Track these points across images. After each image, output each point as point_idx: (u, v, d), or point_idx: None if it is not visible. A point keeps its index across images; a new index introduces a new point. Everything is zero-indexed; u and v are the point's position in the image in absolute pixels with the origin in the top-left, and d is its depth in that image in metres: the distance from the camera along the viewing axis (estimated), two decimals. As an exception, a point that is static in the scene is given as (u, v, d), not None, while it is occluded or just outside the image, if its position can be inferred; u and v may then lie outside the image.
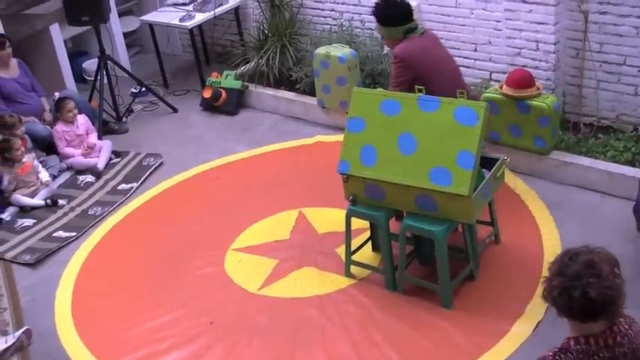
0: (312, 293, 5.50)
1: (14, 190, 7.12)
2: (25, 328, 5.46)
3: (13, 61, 7.90)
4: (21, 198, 7.09)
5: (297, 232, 6.20)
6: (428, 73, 5.68)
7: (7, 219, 6.99)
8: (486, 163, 5.24)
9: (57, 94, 7.97)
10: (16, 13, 8.61)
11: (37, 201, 7.11)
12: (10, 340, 5.36)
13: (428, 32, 6.07)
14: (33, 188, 7.18)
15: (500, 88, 6.35)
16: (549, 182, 6.26)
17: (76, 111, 7.70)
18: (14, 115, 7.44)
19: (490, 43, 7.06)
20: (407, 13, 5.89)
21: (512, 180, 6.23)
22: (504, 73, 6.77)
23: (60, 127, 7.68)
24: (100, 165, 7.54)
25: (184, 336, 5.31)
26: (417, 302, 5.24)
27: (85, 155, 7.64)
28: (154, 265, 6.08)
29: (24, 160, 7.17)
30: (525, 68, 6.53)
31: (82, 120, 7.79)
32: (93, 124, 7.94)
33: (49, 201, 7.13)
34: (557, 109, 6.25)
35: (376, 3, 5.98)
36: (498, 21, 6.91)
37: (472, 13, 7.08)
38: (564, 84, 6.77)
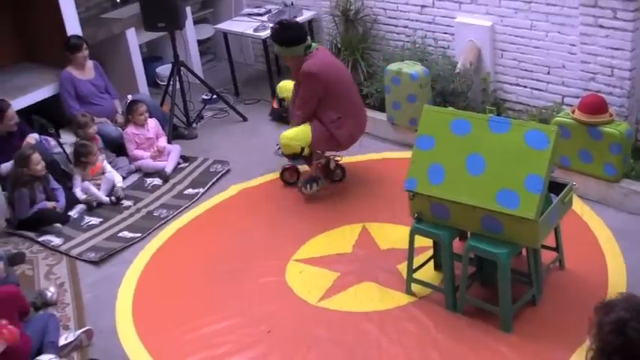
0: (371, 308, 5.49)
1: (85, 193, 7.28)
2: (86, 329, 5.55)
3: (89, 63, 8.06)
4: (91, 187, 7.24)
5: (359, 246, 6.19)
6: (334, 80, 6.61)
7: (75, 216, 7.13)
8: (554, 187, 5.18)
9: (130, 97, 8.10)
10: (94, 16, 8.79)
11: (104, 197, 7.27)
12: (71, 337, 5.45)
13: (320, 46, 6.92)
14: (99, 182, 7.34)
15: (572, 112, 6.28)
16: (617, 210, 6.16)
17: (147, 114, 7.82)
18: (87, 115, 7.62)
19: (564, 66, 6.99)
20: (304, 32, 6.86)
21: (579, 206, 6.14)
22: (577, 97, 6.70)
23: (131, 129, 7.81)
24: (168, 169, 7.64)
25: (241, 343, 5.34)
26: (477, 324, 5.19)
27: (153, 158, 7.75)
28: (215, 271, 6.13)
29: (97, 162, 7.34)
30: (599, 94, 6.45)
31: (153, 124, 7.90)
32: (163, 129, 8.05)
33: (113, 198, 7.26)
34: (629, 136, 6.17)
35: (273, 28, 6.89)
36: (573, 45, 6.83)
37: (547, 36, 7.02)
38: (638, 111, 6.67)
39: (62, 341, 5.42)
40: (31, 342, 5.27)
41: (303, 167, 7.18)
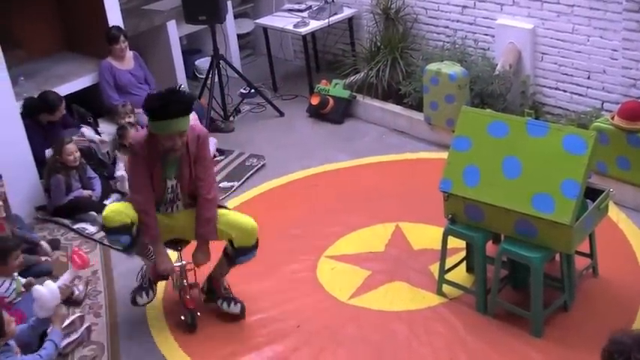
0: (401, 308, 5.48)
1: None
2: (87, 325, 5.56)
3: (129, 54, 8.10)
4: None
5: (392, 245, 6.19)
6: None
7: (110, 205, 7.18)
8: (591, 193, 5.14)
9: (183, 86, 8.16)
10: (136, 7, 8.86)
11: None
12: (74, 335, 5.45)
13: None
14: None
15: (612, 118, 6.22)
16: (655, 219, 6.12)
17: None
18: (127, 104, 7.68)
19: (605, 72, 6.93)
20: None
21: (615, 214, 6.09)
22: (617, 103, 6.63)
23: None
24: (205, 161, 7.67)
25: (271, 337, 5.35)
26: (507, 328, 5.16)
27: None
28: (246, 265, 6.12)
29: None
30: (639, 100, 6.39)
31: (191, 116, 7.90)
32: (201, 122, 8.07)
33: None
34: (668, 144, 6.11)
35: (161, 99, 5.07)
36: (615, 50, 6.78)
37: (588, 40, 6.96)
38: (679, 120, 6.60)
39: (66, 340, 5.38)
40: (24, 317, 5.32)
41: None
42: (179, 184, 5.25)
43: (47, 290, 5.17)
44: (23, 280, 5.69)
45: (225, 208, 5.54)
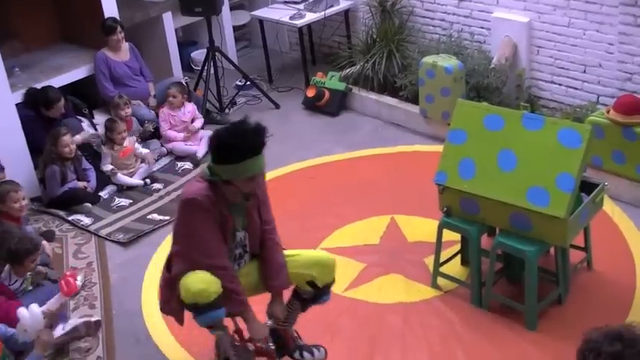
0: (396, 300, 5.49)
1: (114, 173, 7.32)
2: (85, 320, 5.49)
3: (125, 45, 8.10)
4: (122, 177, 7.28)
5: (387, 238, 6.19)
6: None
7: (105, 197, 7.18)
8: (586, 187, 5.15)
9: (184, 80, 8.19)
10: (132, -1, 8.85)
11: (138, 180, 7.31)
12: (67, 327, 5.39)
13: None
14: (131, 170, 7.37)
15: (607, 112, 6.23)
16: (650, 213, 6.13)
17: (174, 99, 7.84)
18: (123, 97, 7.68)
19: (600, 65, 6.94)
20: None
21: (610, 207, 6.09)
22: (612, 97, 6.64)
23: (166, 109, 7.86)
24: (200, 153, 7.68)
25: (266, 329, 5.35)
26: (501, 321, 5.17)
27: (185, 139, 7.79)
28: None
29: (125, 143, 7.37)
30: (635, 94, 6.39)
31: (190, 108, 7.94)
32: (196, 113, 8.10)
33: (148, 180, 7.32)
34: (664, 138, 6.12)
35: (243, 132, 4.25)
36: (611, 44, 6.78)
37: (584, 34, 6.96)
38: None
39: (59, 332, 5.33)
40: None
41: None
42: (247, 234, 4.61)
43: (29, 315, 5.00)
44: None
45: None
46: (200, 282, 4.28)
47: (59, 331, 5.28)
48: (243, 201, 4.39)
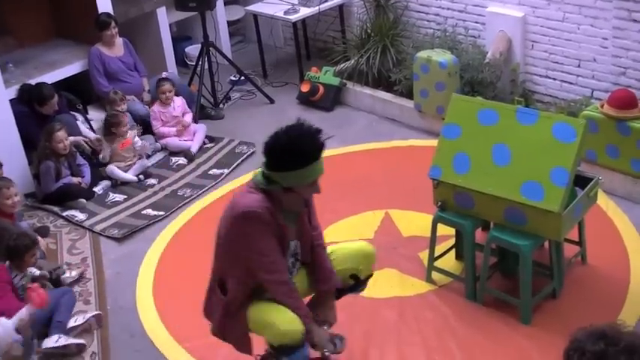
0: (391, 294, 5.49)
1: (109, 162, 7.32)
2: (96, 313, 5.56)
3: (119, 40, 8.09)
4: (115, 170, 7.28)
5: (381, 232, 6.19)
6: None
7: (100, 192, 7.18)
8: (580, 181, 5.15)
9: (165, 74, 8.16)
10: (126, -6, 8.83)
11: (130, 176, 7.30)
12: (80, 320, 5.45)
13: None
14: (129, 163, 7.37)
15: (601, 107, 6.23)
16: (644, 208, 6.13)
17: (170, 94, 7.84)
18: (118, 92, 7.69)
19: (595, 60, 6.94)
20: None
21: (604, 202, 6.11)
22: (607, 92, 6.65)
23: (157, 107, 7.86)
24: (194, 149, 7.67)
25: (261, 324, 5.35)
26: (496, 315, 5.18)
27: (179, 134, 7.79)
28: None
29: (126, 136, 7.38)
30: (629, 89, 6.40)
31: (179, 102, 7.93)
32: (190, 108, 8.08)
33: (141, 176, 7.31)
34: (658, 133, 6.12)
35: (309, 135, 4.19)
36: (605, 38, 6.78)
37: (579, 29, 6.97)
38: (668, 108, 6.61)
39: (71, 323, 5.42)
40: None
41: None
42: (299, 242, 4.42)
43: (1, 328, 4.97)
44: (36, 272, 5.64)
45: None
46: (285, 322, 4.13)
47: (51, 342, 5.25)
48: (302, 208, 4.27)
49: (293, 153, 3.98)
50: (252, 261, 4.14)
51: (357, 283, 4.66)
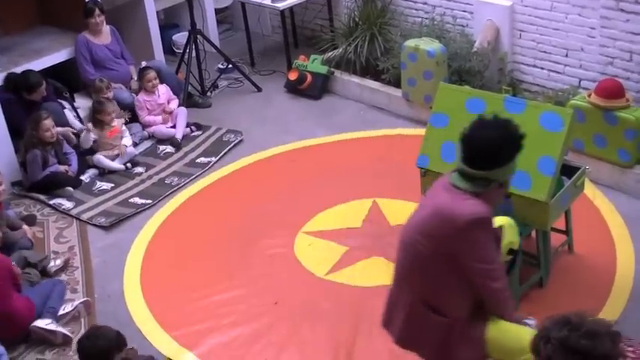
0: (379, 283, 5.47)
1: (97, 151, 7.29)
2: (84, 300, 5.58)
3: (106, 28, 8.04)
4: (102, 159, 7.25)
5: (369, 221, 6.20)
6: None
7: (87, 181, 7.16)
8: (567, 170, 5.16)
9: (144, 63, 8.11)
10: (113, -19, 8.78)
11: (118, 165, 7.27)
12: (69, 307, 5.48)
13: None
14: (116, 152, 7.34)
15: (589, 96, 6.24)
16: (630, 197, 6.12)
17: (155, 81, 7.81)
18: (104, 80, 7.64)
19: (582, 49, 6.94)
20: None
21: (591, 191, 6.11)
22: (594, 81, 6.65)
23: (142, 96, 7.83)
24: (178, 134, 7.66)
25: (248, 313, 5.36)
26: (483, 304, 5.19)
27: (164, 122, 7.77)
28: (224, 241, 6.14)
29: (113, 124, 7.35)
30: (616, 78, 6.41)
31: (163, 90, 7.91)
32: (178, 97, 8.05)
33: (129, 164, 7.29)
34: (645, 122, 6.13)
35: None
36: (593, 28, 6.78)
37: (567, 18, 6.96)
38: (655, 98, 6.64)
39: (61, 311, 5.45)
40: (35, 309, 5.31)
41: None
42: None
43: None
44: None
45: None
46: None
47: (42, 324, 5.28)
48: (501, 202, 4.11)
49: (513, 142, 3.85)
50: (479, 269, 3.85)
51: (514, 257, 4.43)
